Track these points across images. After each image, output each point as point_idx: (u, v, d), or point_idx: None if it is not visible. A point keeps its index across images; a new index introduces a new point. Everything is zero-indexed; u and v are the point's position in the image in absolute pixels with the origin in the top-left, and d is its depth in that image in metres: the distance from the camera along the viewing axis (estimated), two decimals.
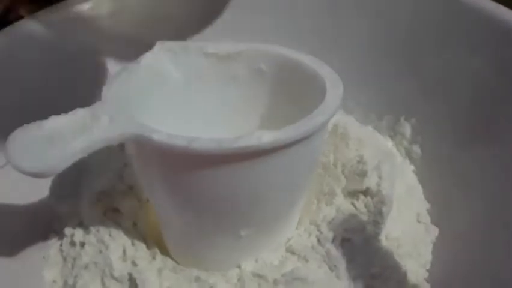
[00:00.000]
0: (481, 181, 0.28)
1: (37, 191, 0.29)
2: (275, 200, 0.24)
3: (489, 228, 0.26)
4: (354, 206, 0.28)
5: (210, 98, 0.27)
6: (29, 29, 0.32)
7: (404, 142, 0.33)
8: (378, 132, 0.34)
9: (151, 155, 0.22)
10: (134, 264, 0.26)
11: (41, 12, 0.33)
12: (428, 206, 0.31)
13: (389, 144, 0.34)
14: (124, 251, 0.27)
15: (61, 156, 0.19)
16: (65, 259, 0.28)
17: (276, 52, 0.26)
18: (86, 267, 0.27)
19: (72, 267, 0.27)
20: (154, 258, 0.27)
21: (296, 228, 0.28)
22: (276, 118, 0.25)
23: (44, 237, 0.29)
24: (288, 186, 0.24)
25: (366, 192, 0.28)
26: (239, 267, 0.26)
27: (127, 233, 0.27)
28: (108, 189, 0.28)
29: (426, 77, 0.32)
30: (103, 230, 0.27)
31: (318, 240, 0.27)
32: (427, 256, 0.28)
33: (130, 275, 0.26)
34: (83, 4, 0.34)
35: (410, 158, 0.33)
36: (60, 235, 0.29)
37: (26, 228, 0.29)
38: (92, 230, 0.27)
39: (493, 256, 0.25)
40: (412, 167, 0.33)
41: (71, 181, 0.29)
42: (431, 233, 0.29)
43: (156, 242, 0.27)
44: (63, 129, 0.20)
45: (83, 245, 0.27)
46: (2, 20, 0.34)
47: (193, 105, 0.27)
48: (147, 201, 0.28)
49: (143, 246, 0.27)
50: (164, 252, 0.27)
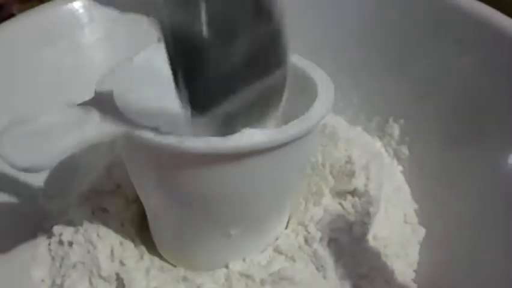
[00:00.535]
0: (468, 181, 0.28)
1: (26, 189, 0.29)
2: (265, 199, 0.24)
3: (476, 229, 0.26)
4: (342, 206, 0.28)
5: None
6: (20, 26, 0.32)
7: (392, 143, 0.33)
8: (367, 133, 0.34)
9: (142, 152, 0.22)
10: (122, 263, 0.26)
11: (32, 10, 0.33)
12: (415, 207, 0.30)
13: (378, 145, 0.34)
14: (111, 251, 0.27)
15: (52, 152, 0.19)
16: (53, 258, 0.28)
17: None
18: (74, 266, 0.26)
19: (60, 267, 0.27)
20: (141, 258, 0.27)
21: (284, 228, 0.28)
22: None
23: (32, 235, 0.29)
24: (278, 186, 0.24)
25: (353, 192, 0.28)
26: (227, 267, 0.26)
27: (115, 232, 0.27)
28: (97, 188, 0.28)
29: (415, 79, 0.32)
30: (91, 230, 0.27)
31: (306, 240, 0.27)
32: (414, 256, 0.28)
33: (117, 274, 0.26)
34: (74, 2, 0.34)
35: (398, 159, 0.33)
36: (49, 234, 0.29)
37: (14, 226, 0.28)
38: (81, 229, 0.27)
39: (480, 257, 0.25)
40: (400, 167, 0.33)
41: (60, 179, 0.29)
42: (418, 233, 0.29)
43: (144, 242, 0.27)
44: (55, 125, 0.20)
45: (71, 244, 0.27)
46: None
47: None
48: (135, 201, 0.28)
49: (131, 246, 0.27)
50: (152, 251, 0.27)
